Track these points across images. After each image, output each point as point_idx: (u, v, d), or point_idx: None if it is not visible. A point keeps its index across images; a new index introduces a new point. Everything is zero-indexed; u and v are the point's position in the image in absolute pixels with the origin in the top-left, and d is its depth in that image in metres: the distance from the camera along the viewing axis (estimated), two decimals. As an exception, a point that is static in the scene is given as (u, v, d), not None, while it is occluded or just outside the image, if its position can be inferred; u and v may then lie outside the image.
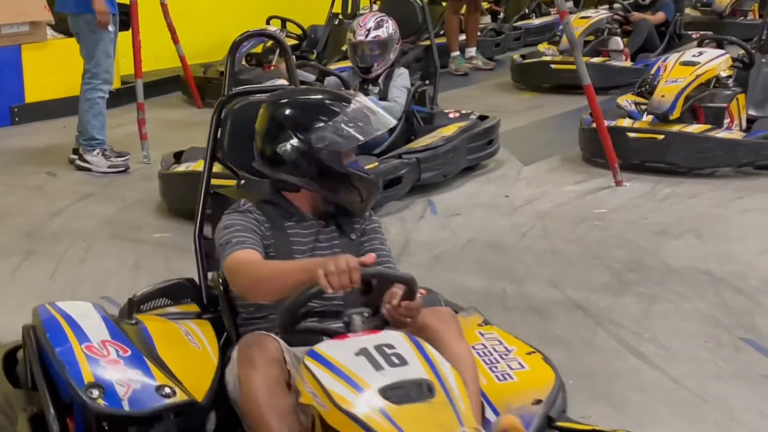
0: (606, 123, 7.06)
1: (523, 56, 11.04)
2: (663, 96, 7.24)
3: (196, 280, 3.60)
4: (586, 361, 4.19)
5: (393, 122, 3.25)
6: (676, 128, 7.15)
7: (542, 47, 11.17)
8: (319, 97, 3.20)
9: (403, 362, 2.65)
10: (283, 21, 11.07)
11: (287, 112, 3.16)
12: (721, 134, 7.12)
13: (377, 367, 2.64)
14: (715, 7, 14.03)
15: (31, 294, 5.12)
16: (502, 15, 14.31)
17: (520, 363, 3.27)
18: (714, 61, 7.51)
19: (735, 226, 6.01)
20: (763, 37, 8.66)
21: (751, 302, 4.81)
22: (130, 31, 8.16)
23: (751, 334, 4.43)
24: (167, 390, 2.90)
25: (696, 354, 4.26)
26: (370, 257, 2.87)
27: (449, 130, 7.06)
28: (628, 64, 10.37)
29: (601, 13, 10.85)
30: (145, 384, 2.90)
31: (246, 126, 3.38)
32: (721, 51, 7.75)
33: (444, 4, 13.41)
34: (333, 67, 10.48)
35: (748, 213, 6.26)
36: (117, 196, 7.03)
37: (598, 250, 5.65)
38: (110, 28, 7.65)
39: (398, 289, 2.92)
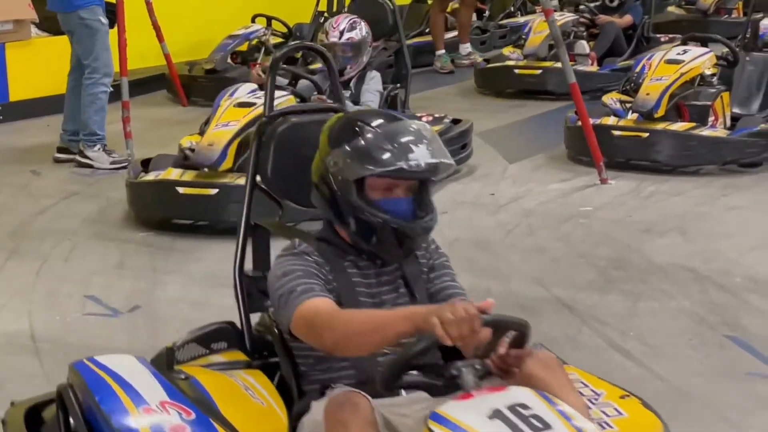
0: (591, 121, 7.08)
1: (487, 60, 10.82)
2: (648, 94, 7.26)
3: (237, 323, 3.16)
4: (572, 359, 4.15)
5: (454, 166, 2.75)
6: (660, 126, 7.17)
7: (507, 51, 10.70)
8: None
9: (546, 426, 2.30)
10: (269, 19, 11.04)
11: (335, 128, 2.74)
12: (705, 132, 7.14)
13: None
14: (700, 5, 14.07)
15: (15, 293, 5.12)
16: (487, 13, 14.31)
17: (616, 409, 2.85)
18: (698, 59, 7.54)
19: (720, 224, 6.03)
20: (747, 35, 8.70)
21: (736, 300, 4.83)
22: (115, 29, 8.11)
23: (736, 332, 4.45)
24: None
25: (681, 351, 4.27)
26: (489, 303, 2.43)
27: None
28: (594, 68, 9.93)
29: (566, 16, 10.43)
30: None
31: (289, 149, 3.11)
32: (706, 49, 7.78)
33: (429, 2, 13.42)
34: (317, 65, 10.50)
35: (733, 211, 6.28)
36: (102, 194, 7.01)
37: (583, 248, 5.66)
38: (102, 20, 7.61)
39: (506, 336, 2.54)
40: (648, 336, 4.43)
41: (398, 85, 7.44)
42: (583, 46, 10.10)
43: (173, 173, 6.10)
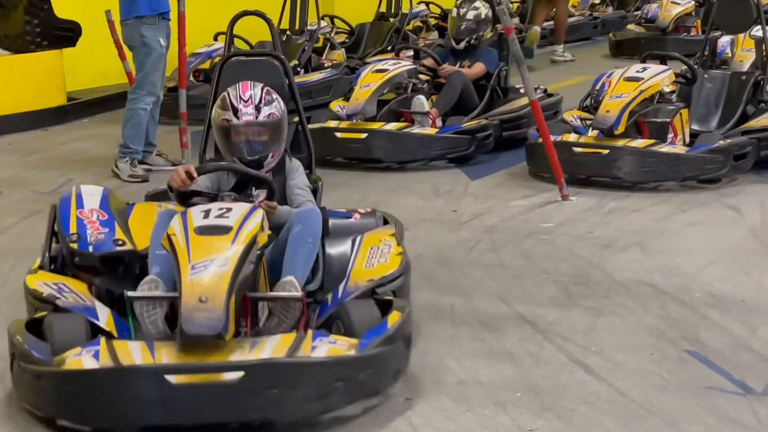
0: (552, 138, 7.14)
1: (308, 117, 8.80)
2: (608, 111, 7.33)
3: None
4: (534, 375, 4.23)
5: None
6: (620, 143, 7.24)
7: (335, 105, 8.60)
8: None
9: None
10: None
11: None
12: (664, 149, 7.22)
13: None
14: (659, 23, 14.24)
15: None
16: (448, 30, 14.39)
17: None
18: (657, 76, 7.62)
19: (679, 240, 6.09)
20: (705, 53, 8.81)
21: (695, 315, 4.88)
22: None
23: (696, 347, 4.49)
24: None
25: (642, 366, 4.31)
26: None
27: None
28: (433, 130, 8.06)
29: (402, 64, 8.62)
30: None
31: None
32: (664, 67, 7.86)
33: (391, 20, 13.53)
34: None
35: (692, 226, 6.35)
36: (64, 213, 6.97)
37: (545, 263, 5.70)
38: (162, 41, 7.85)
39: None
40: (609, 351, 4.46)
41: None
42: (422, 102, 8.28)
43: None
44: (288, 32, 11.30)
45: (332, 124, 8.10)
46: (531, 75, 7.14)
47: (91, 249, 4.41)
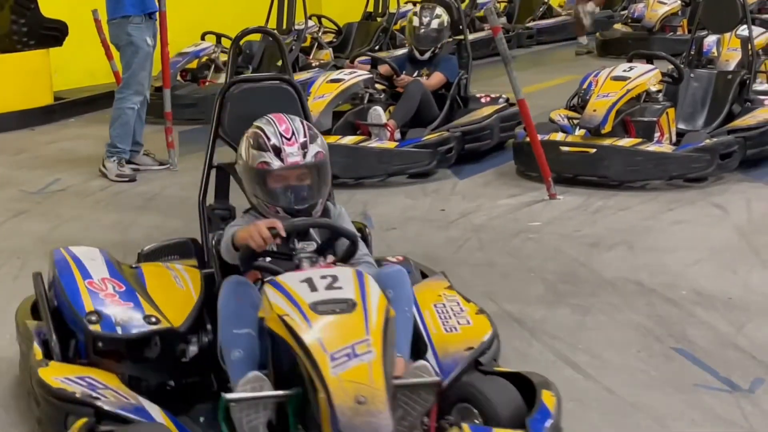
0: (539, 137, 7.16)
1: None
2: (595, 110, 7.35)
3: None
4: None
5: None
6: (607, 142, 7.27)
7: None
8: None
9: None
10: (218, 37, 11.07)
11: None
12: (651, 148, 7.24)
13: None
14: (645, 23, 14.27)
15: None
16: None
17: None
18: (644, 75, 7.64)
19: (666, 238, 6.12)
20: (692, 52, 8.84)
21: (681, 312, 4.90)
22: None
23: (682, 344, 4.51)
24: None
25: (628, 363, 4.33)
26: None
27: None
28: (392, 144, 7.61)
29: (358, 74, 8.19)
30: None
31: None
32: (651, 66, 7.89)
33: (379, 20, 13.55)
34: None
35: (679, 225, 6.37)
36: (52, 213, 6.98)
37: (532, 262, 5.72)
38: (148, 41, 7.85)
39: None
40: (596, 349, 4.48)
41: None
42: (379, 113, 7.91)
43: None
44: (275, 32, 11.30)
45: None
46: (518, 75, 7.15)
47: (119, 330, 3.52)
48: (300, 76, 10.71)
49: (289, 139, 3.69)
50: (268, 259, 3.59)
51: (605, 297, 5.13)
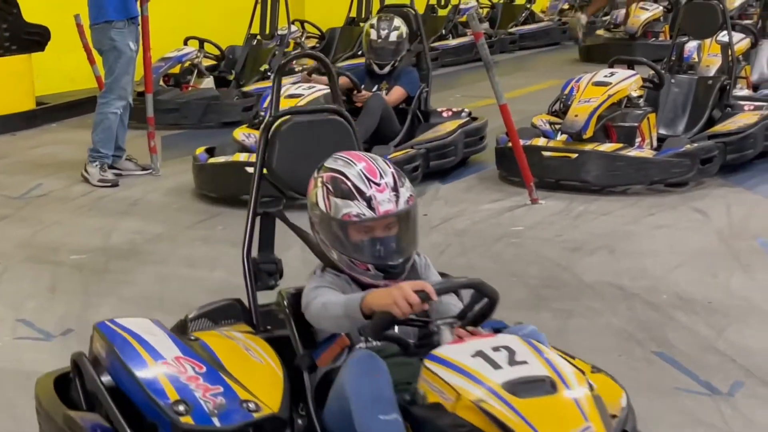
0: (521, 142, 7.19)
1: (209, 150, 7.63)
2: (576, 116, 7.39)
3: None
4: (503, 377, 4.26)
5: None
6: (589, 147, 7.30)
7: (239, 133, 7.58)
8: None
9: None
10: (201, 42, 11.07)
11: None
12: (632, 153, 7.28)
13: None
14: (628, 29, 14.33)
15: (-54, 318, 5.07)
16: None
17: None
18: (625, 81, 7.68)
19: (647, 243, 6.15)
20: (673, 58, 8.89)
21: (662, 317, 4.93)
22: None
23: (663, 348, 4.54)
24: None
25: (610, 367, 4.28)
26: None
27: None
28: None
29: (317, 88, 7.57)
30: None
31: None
32: (632, 71, 7.93)
33: (362, 25, 13.55)
34: (251, 87, 10.53)
35: (659, 229, 6.41)
36: (33, 218, 6.97)
37: (514, 267, 5.74)
38: (131, 45, 7.84)
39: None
40: (578, 353, 4.44)
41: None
42: None
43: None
44: (258, 37, 11.31)
45: (241, 158, 7.10)
46: (500, 80, 7.18)
47: (216, 422, 2.89)
48: (283, 82, 10.69)
49: (377, 184, 3.07)
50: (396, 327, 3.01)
51: (587, 301, 5.15)
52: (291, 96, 7.33)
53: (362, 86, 7.82)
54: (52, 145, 9.50)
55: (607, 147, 7.33)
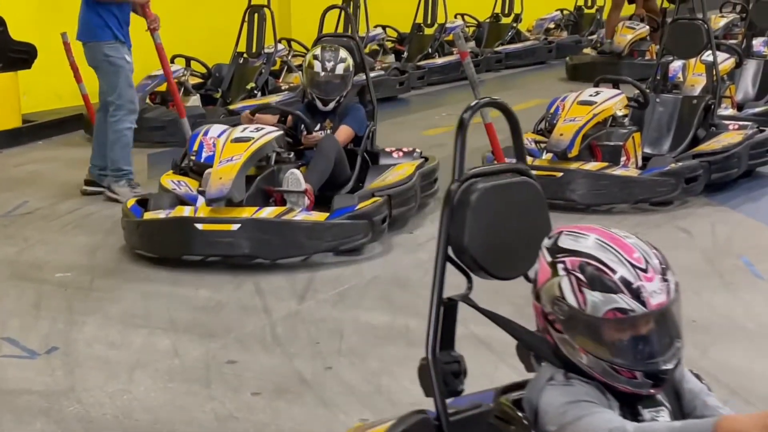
0: (506, 161, 7.20)
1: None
2: (561, 134, 7.41)
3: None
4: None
5: None
6: (574, 166, 7.32)
7: (167, 180, 6.96)
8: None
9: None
10: (188, 60, 11.08)
11: None
12: (617, 172, 7.30)
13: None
14: (614, 48, 14.39)
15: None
16: (405, 54, 14.50)
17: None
18: (610, 100, 7.72)
19: (632, 261, 6.15)
20: (657, 77, 8.94)
21: (647, 335, 4.93)
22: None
23: (647, 366, 4.54)
24: None
25: (594, 386, 4.35)
26: None
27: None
28: (321, 217, 6.25)
29: (268, 130, 6.66)
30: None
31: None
32: (617, 91, 7.97)
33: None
34: (237, 105, 10.55)
35: (644, 248, 6.42)
36: (18, 235, 6.96)
37: (500, 285, 5.70)
38: (127, 58, 7.77)
39: None
40: (562, 371, 4.50)
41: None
42: (297, 178, 6.52)
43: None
44: (245, 55, 11.33)
45: (186, 212, 6.25)
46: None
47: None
48: (269, 99, 10.73)
49: (645, 270, 2.48)
50: None
51: (571, 320, 5.15)
52: (238, 140, 6.46)
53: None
54: (38, 163, 9.49)
55: (592, 166, 7.35)
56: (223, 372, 4.56)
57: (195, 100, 10.73)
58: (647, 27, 14.56)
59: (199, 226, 6.06)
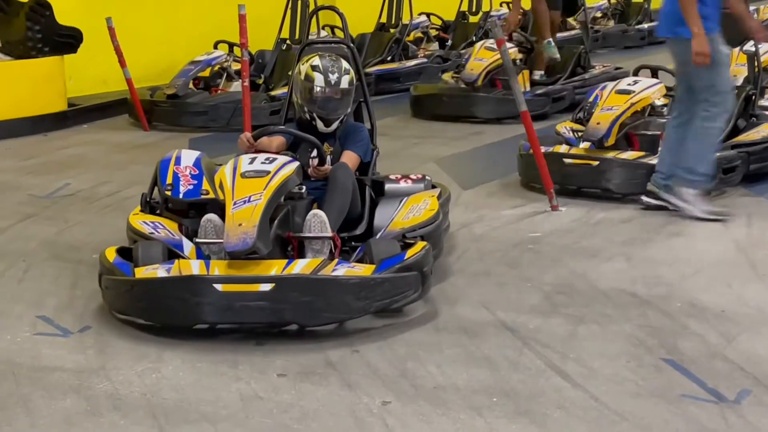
0: (543, 149, 7.21)
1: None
2: (598, 123, 7.41)
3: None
4: (511, 380, 4.30)
5: None
6: (610, 155, 7.32)
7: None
8: None
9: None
10: (231, 45, 11.17)
11: None
12: (654, 161, 7.27)
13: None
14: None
15: (-33, 313, 5.16)
16: (449, 42, 14.51)
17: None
18: (648, 89, 7.70)
19: (664, 251, 6.15)
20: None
21: (674, 324, 4.94)
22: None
23: (672, 355, 4.55)
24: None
25: (617, 373, 4.37)
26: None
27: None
28: (368, 270, 4.86)
29: (284, 162, 5.28)
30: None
31: None
32: (656, 80, 7.94)
33: (392, 31, 13.61)
34: (279, 91, 10.62)
35: (678, 238, 6.41)
36: (59, 217, 7.07)
37: (529, 272, 5.77)
38: (724, 50, 6.91)
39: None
40: (587, 358, 4.53)
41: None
42: (322, 221, 5.29)
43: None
44: (288, 41, 11.40)
45: (195, 268, 4.85)
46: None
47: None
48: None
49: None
50: None
51: (599, 308, 5.17)
52: (252, 176, 5.14)
53: (297, 151, 5.84)
54: (81, 146, 9.62)
55: (628, 155, 7.34)
56: (251, 354, 4.61)
57: (237, 86, 10.81)
58: (515, 48, 11.24)
59: (218, 286, 4.65)
